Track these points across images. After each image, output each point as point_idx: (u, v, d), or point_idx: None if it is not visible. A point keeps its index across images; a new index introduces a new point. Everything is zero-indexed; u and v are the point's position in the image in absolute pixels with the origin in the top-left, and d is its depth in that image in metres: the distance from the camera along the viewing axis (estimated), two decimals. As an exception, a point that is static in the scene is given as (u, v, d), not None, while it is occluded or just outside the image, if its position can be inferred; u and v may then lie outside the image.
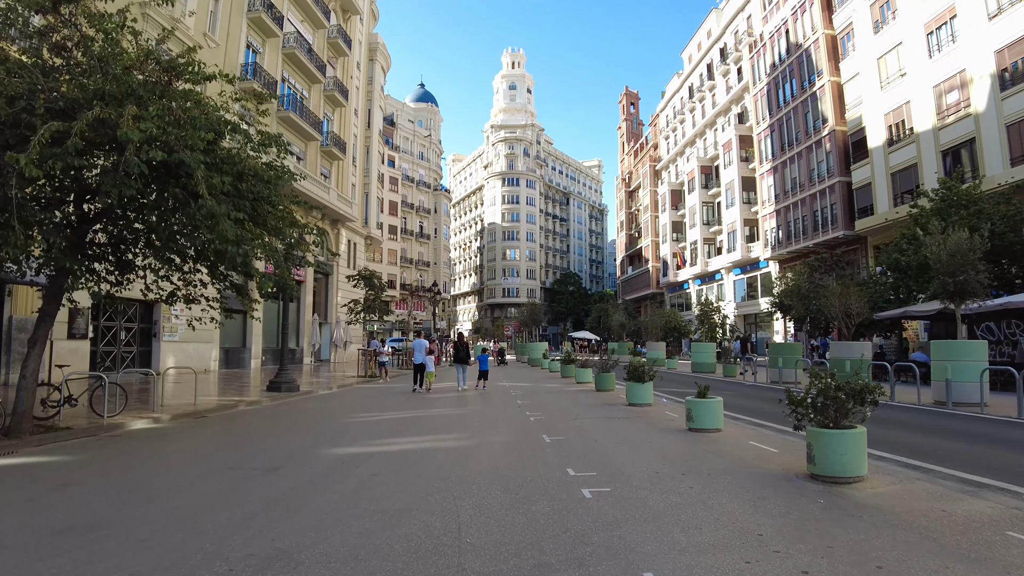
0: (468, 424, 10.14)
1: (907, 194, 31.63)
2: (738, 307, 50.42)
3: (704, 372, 24.37)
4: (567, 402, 13.54)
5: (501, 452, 7.40)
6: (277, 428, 10.18)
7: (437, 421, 10.64)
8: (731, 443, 7.91)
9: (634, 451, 7.37)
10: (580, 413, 11.29)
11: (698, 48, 60.93)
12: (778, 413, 11.41)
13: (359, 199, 40.62)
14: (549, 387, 18.04)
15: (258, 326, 26.94)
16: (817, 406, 5.73)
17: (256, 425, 10.61)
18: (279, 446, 8.18)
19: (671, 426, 9.48)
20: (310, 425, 10.44)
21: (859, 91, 35.59)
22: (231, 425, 10.59)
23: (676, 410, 11.53)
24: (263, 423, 10.82)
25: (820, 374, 5.96)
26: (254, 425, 10.60)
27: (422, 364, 17.34)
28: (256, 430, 10.10)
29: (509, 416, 11.10)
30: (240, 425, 10.59)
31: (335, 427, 10.17)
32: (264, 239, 9.53)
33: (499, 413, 11.62)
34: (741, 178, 49.07)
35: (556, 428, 9.36)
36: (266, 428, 10.27)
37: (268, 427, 10.38)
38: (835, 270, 30.87)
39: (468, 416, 11.31)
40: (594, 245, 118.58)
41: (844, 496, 5.12)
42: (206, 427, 10.25)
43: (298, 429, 9.90)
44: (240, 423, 10.80)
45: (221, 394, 15.37)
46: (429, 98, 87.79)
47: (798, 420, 5.97)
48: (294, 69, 31.46)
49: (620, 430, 9.08)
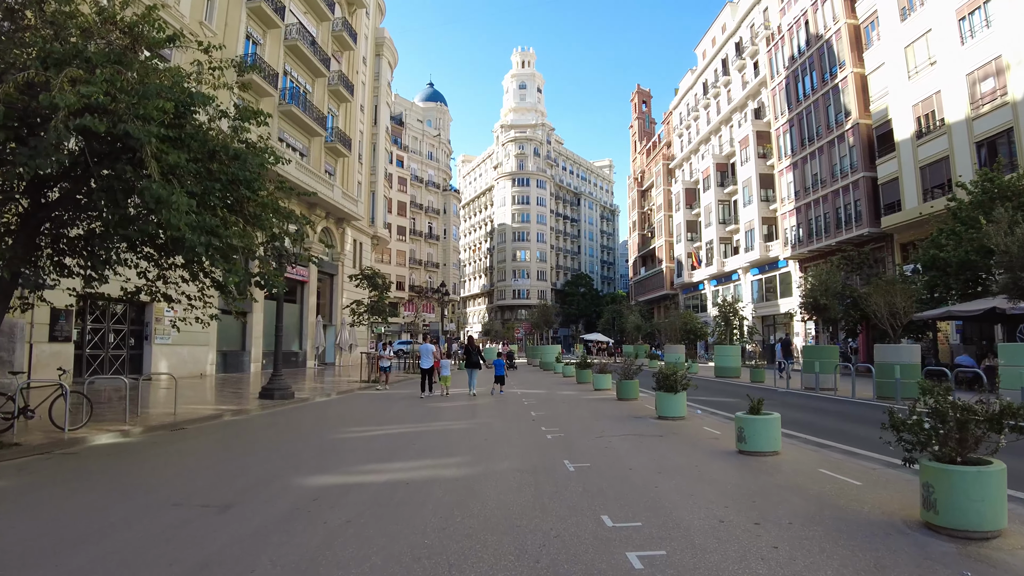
0: (474, 443, 8.69)
1: (937, 188, 30.04)
2: (756, 308, 48.78)
3: (728, 377, 22.86)
4: (587, 414, 12.12)
5: (514, 487, 5.95)
6: (254, 445, 8.94)
7: (439, 439, 9.21)
8: (798, 472, 6.51)
9: (683, 485, 5.92)
10: (605, 429, 9.82)
11: (712, 43, 59.40)
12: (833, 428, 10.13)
13: (365, 198, 39.46)
14: (565, 395, 16.63)
15: (258, 328, 25.80)
16: (939, 433, 4.29)
17: (232, 441, 9.36)
18: (247, 471, 6.91)
19: (716, 447, 8.09)
20: (293, 442, 9.10)
21: (884, 82, 33.98)
22: (204, 440, 9.33)
23: (715, 425, 10.16)
24: (240, 438, 9.58)
25: (933, 388, 4.53)
26: (230, 441, 9.35)
27: (429, 369, 16.74)
28: (230, 447, 8.84)
29: (522, 432, 9.70)
30: (214, 441, 9.33)
31: (320, 445, 8.83)
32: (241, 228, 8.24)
33: (510, 428, 10.26)
34: (759, 175, 47.46)
35: (579, 449, 7.94)
36: (242, 445, 9.01)
37: (244, 444, 9.13)
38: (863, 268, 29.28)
39: (475, 432, 9.86)
40: (605, 246, 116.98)
41: (992, 563, 3.74)
42: (176, 443, 8.99)
43: (277, 447, 8.62)
44: (215, 438, 9.54)
45: (208, 402, 14.15)
46: (438, 97, 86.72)
47: (909, 451, 4.53)
48: (296, 62, 30.34)
49: (657, 453, 7.72)
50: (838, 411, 12.52)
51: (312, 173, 28.91)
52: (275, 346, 15.54)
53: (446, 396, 16.71)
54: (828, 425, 10.32)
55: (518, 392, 17.55)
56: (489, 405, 14.05)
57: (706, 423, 10.45)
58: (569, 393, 16.99)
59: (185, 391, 16.77)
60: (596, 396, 15.93)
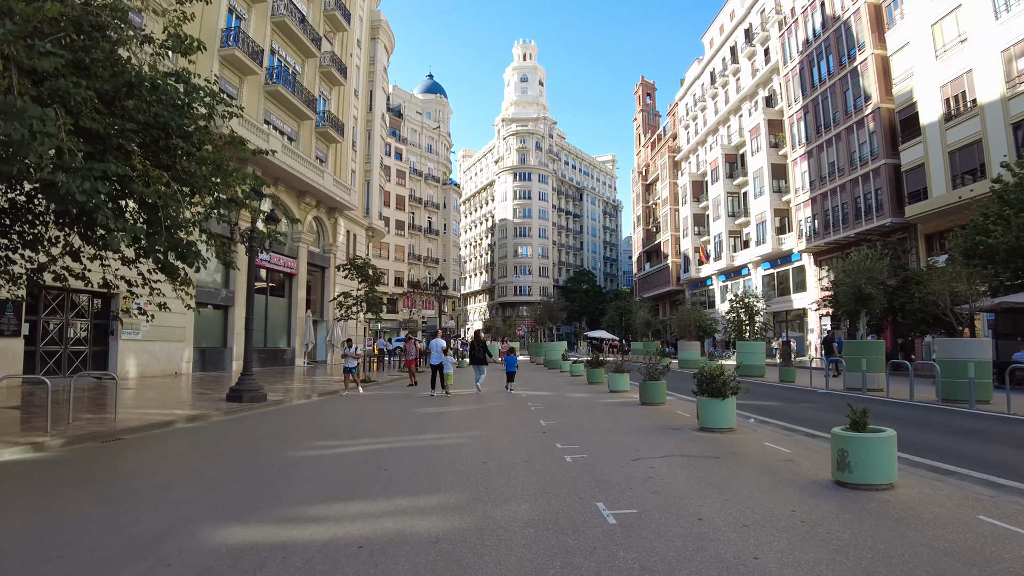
0: (467, 470, 6.36)
1: (968, 175, 28.15)
2: (767, 303, 46.81)
3: (752, 376, 20.88)
4: (609, 423, 9.90)
5: (527, 559, 3.74)
6: (181, 469, 6.84)
7: (421, 461, 6.86)
8: (949, 522, 4.42)
9: (796, 556, 3.74)
10: (639, 447, 7.55)
11: (720, 31, 57.46)
12: (938, 445, 7.83)
13: (360, 187, 37.60)
14: (576, 397, 14.52)
15: (241, 323, 23.92)
16: None
17: (160, 461, 7.35)
18: (147, 514, 4.79)
19: (800, 475, 5.91)
20: (235, 462, 7.09)
21: (908, 63, 32.06)
22: (128, 460, 7.38)
23: (778, 439, 8.13)
24: (173, 457, 7.66)
25: None
26: (158, 461, 7.35)
27: (439, 365, 16.04)
28: (153, 470, 6.78)
29: (531, 451, 7.39)
30: (139, 460, 7.33)
31: (266, 470, 6.60)
32: (164, 187, 6.39)
33: (516, 445, 7.89)
34: (771, 165, 45.55)
35: (613, 482, 5.63)
36: (168, 468, 6.93)
37: (170, 466, 7.08)
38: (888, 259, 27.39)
39: (469, 451, 7.49)
40: (608, 242, 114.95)
41: None
42: (91, 462, 7.05)
43: (209, 472, 6.56)
44: (144, 456, 7.54)
45: (167, 405, 12.32)
46: (438, 89, 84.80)
47: None
48: (285, 41, 28.49)
49: (726, 487, 5.49)
50: (920, 419, 10.34)
51: (301, 158, 27.08)
52: (245, 342, 13.73)
53: (446, 396, 15.54)
54: (930, 441, 8.29)
55: (523, 395, 15.52)
56: (490, 410, 12.04)
57: (764, 437, 8.43)
58: (581, 396, 14.92)
59: (147, 392, 15.03)
60: (613, 400, 13.85)
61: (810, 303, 41.42)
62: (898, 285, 23.30)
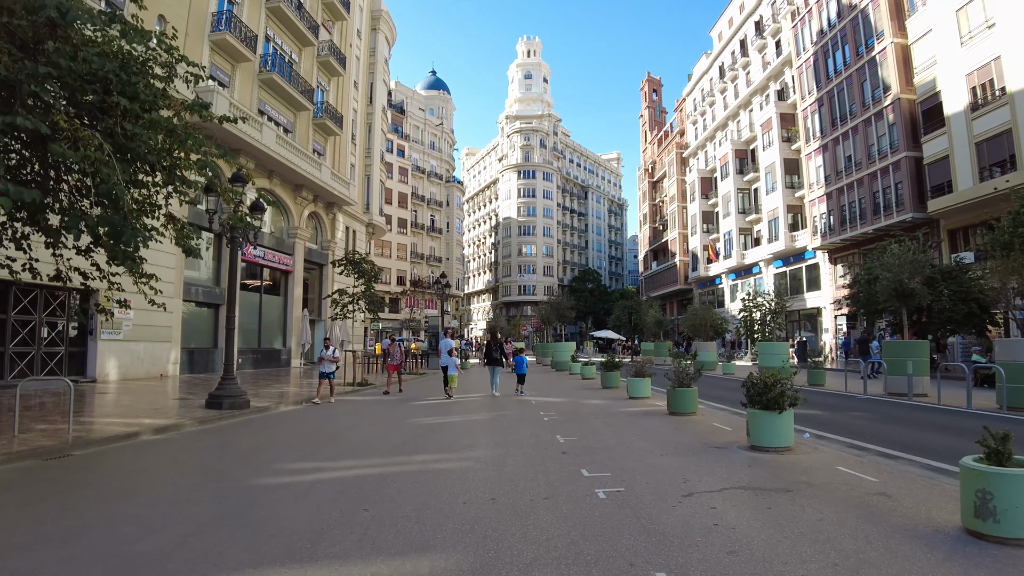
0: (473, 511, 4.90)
1: (996, 166, 26.81)
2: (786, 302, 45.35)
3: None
4: (639, 440, 8.33)
5: None
6: (108, 507, 5.19)
7: (413, 494, 5.43)
8: None
9: None
10: (686, 474, 6.09)
11: (729, 24, 56.08)
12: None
13: (359, 182, 36.38)
14: (593, 405, 12.98)
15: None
16: None
17: (91, 492, 5.78)
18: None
19: (911, 519, 4.51)
20: (180, 496, 5.64)
21: (931, 51, 30.68)
22: (53, 489, 5.84)
23: (849, 461, 6.65)
24: (111, 486, 6.05)
25: None
26: (88, 491, 5.81)
27: (447, 367, 15.41)
28: (73, 507, 5.17)
29: (552, 482, 5.81)
30: (65, 490, 5.81)
31: (215, 508, 5.11)
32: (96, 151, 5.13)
33: (533, 472, 6.29)
34: (783, 160, 44.18)
35: (670, 536, 4.19)
36: (95, 503, 5.34)
37: (102, 499, 5.48)
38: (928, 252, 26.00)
39: (474, 479, 6.00)
40: (613, 241, 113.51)
41: None
42: (5, 491, 5.80)
43: (142, 510, 5.05)
44: (74, 483, 5.96)
45: (138, 413, 11.10)
46: (441, 85, 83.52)
47: None
48: (280, 27, 27.29)
49: (821, 539, 4.09)
50: (1018, 436, 8.47)
51: (297, 150, 25.88)
52: (227, 342, 12.50)
53: (448, 400, 14.68)
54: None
55: (532, 401, 14.08)
56: (497, 421, 10.66)
57: (832, 458, 6.90)
58: (598, 403, 13.42)
59: (123, 397, 13.83)
60: (635, 408, 12.34)
61: (830, 301, 40.08)
62: (923, 282, 21.99)
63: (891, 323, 26.39)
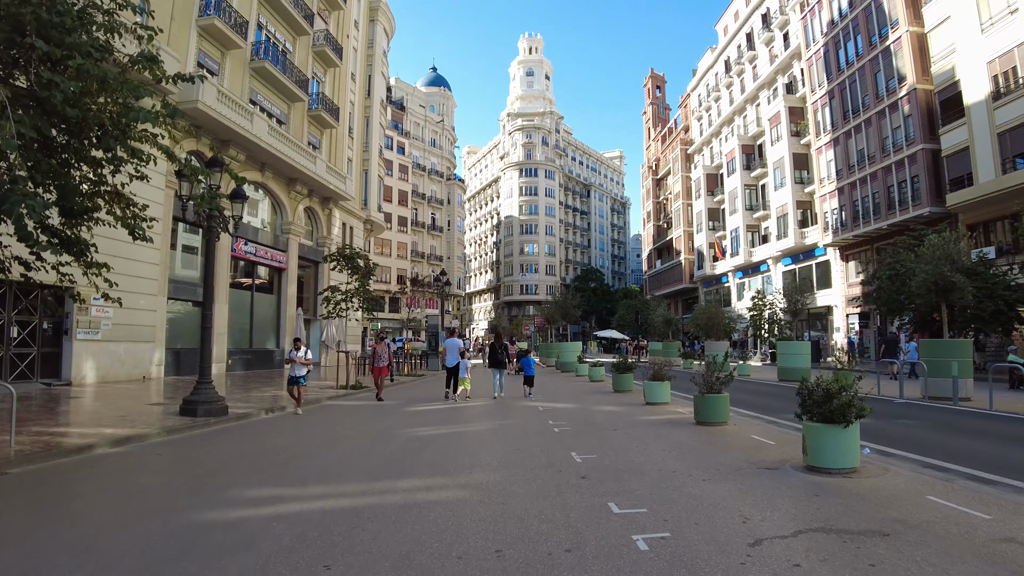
0: (465, 572, 3.60)
1: (1019, 157, 25.68)
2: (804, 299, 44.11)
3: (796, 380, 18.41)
4: (671, 458, 7.01)
5: None
6: (28, 549, 4.12)
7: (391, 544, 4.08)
8: None
9: None
10: (744, 509, 4.83)
11: (735, 17, 54.92)
12: None
13: (357, 177, 35.28)
14: (608, 412, 11.75)
15: (222, 321, 21.72)
16: None
17: (13, 525, 4.73)
18: None
19: None
20: (96, 535, 4.34)
21: (949, 39, 29.52)
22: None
23: (936, 487, 5.47)
24: (29, 518, 4.91)
25: None
26: (9, 523, 4.77)
27: (456, 367, 15.03)
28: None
29: (575, 525, 4.45)
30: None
31: (127, 560, 3.83)
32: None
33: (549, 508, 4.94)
34: (792, 155, 43.01)
35: None
36: (10, 542, 4.27)
37: (23, 537, 4.43)
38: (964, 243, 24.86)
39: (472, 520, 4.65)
40: (616, 240, 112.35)
41: None
42: None
43: (48, 554, 3.93)
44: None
45: (100, 421, 10.01)
46: (441, 82, 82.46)
47: None
48: (273, 15, 26.20)
49: None
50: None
51: (290, 141, 24.80)
52: (202, 342, 11.42)
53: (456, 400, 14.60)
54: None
55: (539, 408, 12.83)
56: (499, 432, 9.48)
57: (913, 481, 5.76)
58: (613, 410, 12.17)
59: (93, 402, 12.77)
60: (655, 416, 11.00)
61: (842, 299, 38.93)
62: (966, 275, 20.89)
63: (913, 321, 25.18)
